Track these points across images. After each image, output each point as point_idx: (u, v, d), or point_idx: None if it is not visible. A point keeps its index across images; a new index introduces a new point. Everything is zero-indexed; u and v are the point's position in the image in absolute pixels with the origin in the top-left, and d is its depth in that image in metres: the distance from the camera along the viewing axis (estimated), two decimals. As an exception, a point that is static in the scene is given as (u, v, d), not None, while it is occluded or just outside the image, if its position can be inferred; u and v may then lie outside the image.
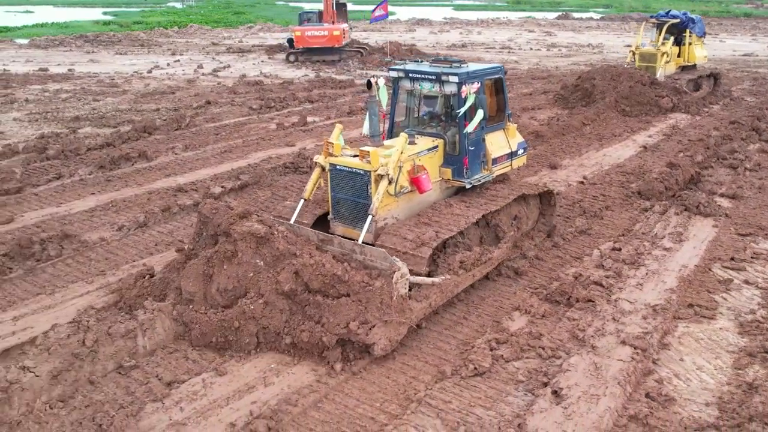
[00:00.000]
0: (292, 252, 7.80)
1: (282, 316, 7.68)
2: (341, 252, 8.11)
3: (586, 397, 7.03)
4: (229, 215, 8.40)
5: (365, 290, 7.48)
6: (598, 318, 8.69)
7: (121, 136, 18.18)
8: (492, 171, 10.21)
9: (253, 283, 7.86)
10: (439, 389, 7.25)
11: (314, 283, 7.62)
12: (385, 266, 7.65)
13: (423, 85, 9.81)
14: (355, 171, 8.65)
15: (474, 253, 9.09)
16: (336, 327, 7.41)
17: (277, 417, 6.67)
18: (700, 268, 10.24)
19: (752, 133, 18.53)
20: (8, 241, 11.15)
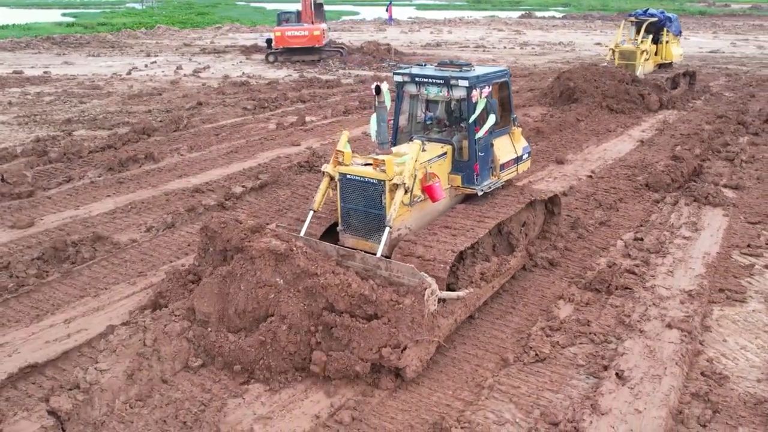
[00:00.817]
0: (314, 271, 7.30)
1: (308, 338, 7.24)
2: (364, 268, 7.68)
3: (648, 377, 7.37)
4: (239, 230, 8.00)
5: (394, 309, 7.04)
6: (639, 304, 9.05)
7: (120, 138, 18.00)
8: (500, 177, 9.90)
9: (274, 305, 7.34)
10: (505, 375, 7.51)
11: (340, 305, 7.14)
12: (413, 282, 7.26)
13: (429, 89, 9.43)
14: (368, 180, 8.23)
15: (493, 264, 8.92)
16: (368, 352, 6.98)
17: (359, 407, 6.84)
18: (721, 255, 10.71)
19: (739, 127, 19.27)
20: (34, 245, 11.10)
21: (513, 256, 9.52)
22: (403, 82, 9.66)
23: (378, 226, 8.29)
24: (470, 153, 9.33)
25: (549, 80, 27.08)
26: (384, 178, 8.10)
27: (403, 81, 9.65)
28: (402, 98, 9.90)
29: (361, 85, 28.48)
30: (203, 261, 8.60)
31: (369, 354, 6.99)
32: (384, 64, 33.48)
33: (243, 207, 12.90)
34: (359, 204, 8.43)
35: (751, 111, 21.48)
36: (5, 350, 8.00)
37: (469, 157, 9.35)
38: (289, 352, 7.19)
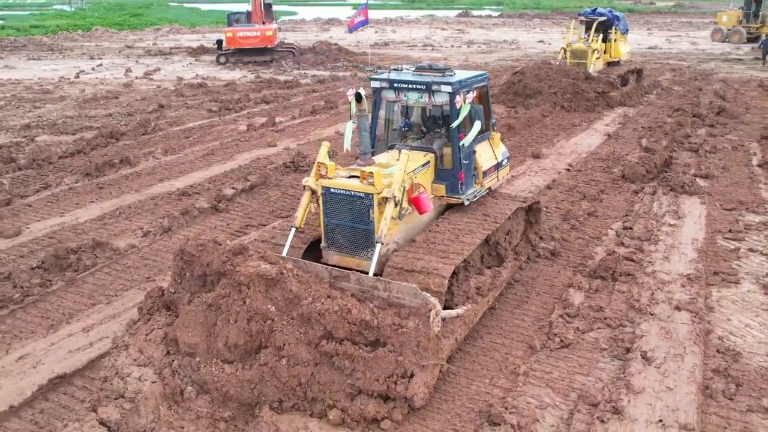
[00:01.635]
0: (307, 296, 6.73)
1: (307, 369, 6.62)
2: (360, 289, 7.05)
3: (671, 357, 7.77)
4: (220, 253, 7.27)
5: (398, 334, 6.53)
6: (644, 289, 9.50)
7: (89, 143, 17.53)
8: (483, 184, 9.53)
9: (267, 335, 6.71)
10: (536, 362, 7.78)
11: (340, 332, 6.58)
12: (415, 303, 6.69)
13: (409, 95, 8.95)
14: (355, 194, 7.70)
15: (487, 277, 8.68)
16: (374, 383, 6.49)
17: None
18: (708, 241, 11.30)
19: (696, 119, 20.24)
20: (27, 254, 10.79)
21: (504, 267, 9.29)
22: (380, 87, 9.13)
23: (365, 242, 7.84)
24: (454, 161, 8.94)
25: (503, 78, 27.68)
26: (372, 191, 7.59)
27: (381, 87, 9.12)
28: (379, 105, 9.36)
29: (320, 85, 28.47)
30: (179, 287, 7.77)
31: (375, 385, 6.49)
32: (367, 68, 33.08)
33: (236, 209, 12.81)
34: (345, 219, 7.90)
35: (703, 104, 22.54)
36: (28, 362, 7.78)
37: (453, 165, 8.95)
38: (291, 387, 6.62)
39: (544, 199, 13.22)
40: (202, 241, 7.63)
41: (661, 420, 6.68)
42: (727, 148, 17.17)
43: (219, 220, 12.27)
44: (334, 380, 6.60)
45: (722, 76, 30.17)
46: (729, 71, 32.11)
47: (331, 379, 6.61)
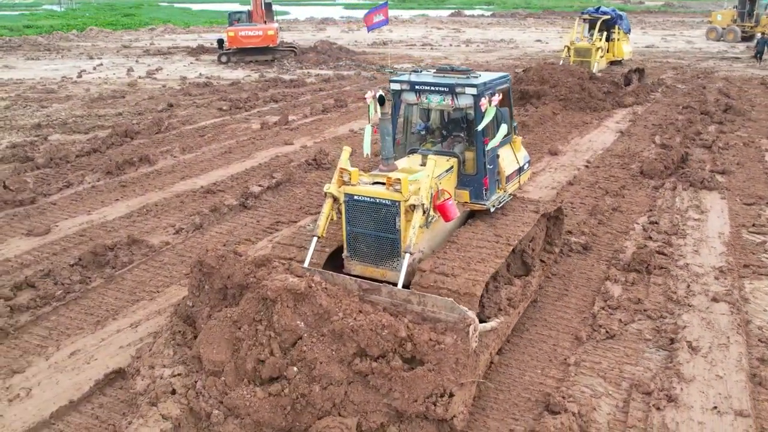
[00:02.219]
0: (338, 311, 6.39)
1: (340, 389, 6.19)
2: (392, 303, 6.74)
3: (716, 346, 7.92)
4: (242, 265, 7.06)
5: (435, 350, 6.14)
6: (680, 281, 9.65)
7: (104, 142, 17.52)
8: (506, 189, 9.24)
9: (298, 352, 6.30)
10: (584, 352, 7.90)
11: (374, 350, 6.19)
12: (452, 318, 6.41)
13: (431, 98, 8.63)
14: (380, 201, 7.37)
15: (517, 287, 8.41)
16: (412, 404, 6.05)
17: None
18: (733, 234, 11.47)
19: (705, 117, 20.46)
20: (60, 252, 10.81)
21: (532, 276, 8.98)
22: (400, 90, 8.78)
23: (391, 252, 7.54)
24: (478, 166, 8.64)
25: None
26: (399, 198, 7.27)
27: (401, 89, 8.77)
28: (398, 108, 8.93)
29: (326, 84, 28.53)
30: (197, 300, 7.53)
31: (413, 406, 6.05)
32: (383, 70, 32.79)
33: (263, 206, 12.86)
34: (369, 228, 7.57)
35: (710, 101, 22.79)
36: (81, 357, 7.83)
37: (477, 170, 8.66)
38: (326, 410, 6.15)
39: (567, 195, 13.41)
40: (222, 252, 7.38)
41: (715, 407, 6.82)
42: (738, 145, 17.38)
43: (248, 217, 12.31)
44: (369, 400, 6.18)
45: (723, 74, 30.48)
46: (729, 70, 32.44)
47: (366, 399, 6.18)
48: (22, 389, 7.22)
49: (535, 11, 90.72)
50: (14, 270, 10.19)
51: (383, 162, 8.03)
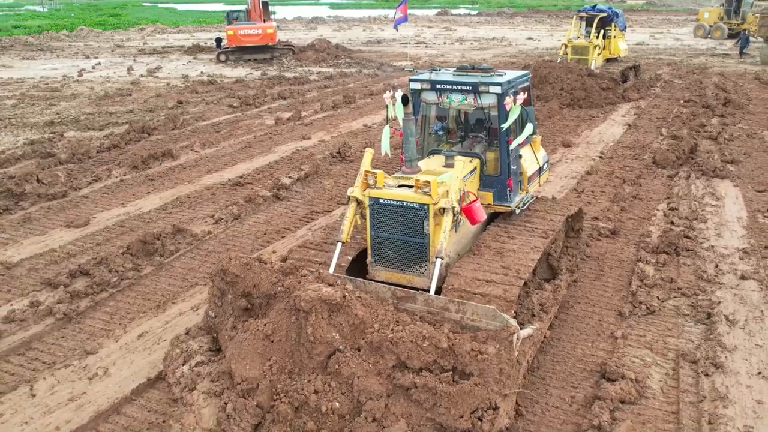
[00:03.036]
0: (372, 321, 6.22)
1: (380, 403, 6.02)
2: (428, 311, 6.46)
3: (751, 318, 8.40)
4: (269, 273, 6.82)
5: (478, 361, 5.91)
6: (708, 261, 10.13)
7: (122, 138, 17.74)
8: (528, 190, 9.09)
9: (334, 365, 6.12)
10: (628, 327, 8.34)
11: (415, 362, 5.98)
12: (493, 326, 6.13)
13: (452, 97, 8.41)
14: (408, 205, 7.14)
15: (548, 292, 8.19)
16: (458, 420, 5.85)
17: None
18: (750, 219, 11.99)
19: (707, 110, 21.07)
20: (103, 242, 11.07)
21: (560, 280, 8.81)
22: (420, 89, 8.56)
23: (419, 257, 7.31)
24: (502, 167, 8.46)
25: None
26: (428, 201, 7.03)
27: (421, 88, 8.55)
28: (417, 108, 8.62)
29: (330, 81, 28.86)
30: (219, 311, 7.34)
31: (459, 422, 5.84)
32: (406, 68, 32.88)
33: (295, 197, 13.20)
34: (396, 232, 7.32)
35: (709, 95, 23.42)
36: (150, 338, 8.13)
37: (501, 171, 8.48)
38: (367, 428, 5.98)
39: (587, 184, 13.89)
40: (247, 260, 7.05)
41: (760, 372, 7.28)
42: (742, 136, 17.96)
43: (283, 207, 12.64)
44: (411, 413, 5.99)
45: (717, 69, 31.21)
46: (722, 65, 33.20)
47: (408, 412, 5.99)
48: (99, 368, 7.51)
49: (520, 10, 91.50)
50: (61, 260, 10.46)
51: (406, 164, 7.79)
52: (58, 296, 9.00)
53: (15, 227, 11.83)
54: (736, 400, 6.83)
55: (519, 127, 8.47)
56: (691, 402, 6.82)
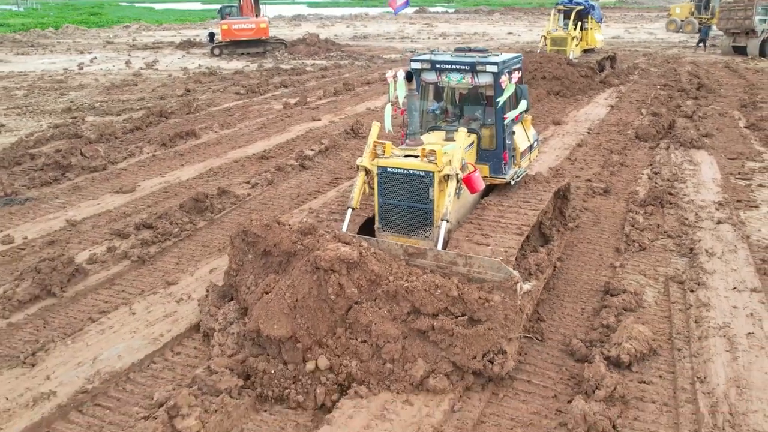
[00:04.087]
0: (386, 274, 6.77)
1: (397, 345, 6.59)
2: (437, 265, 7.05)
3: (727, 251, 9.96)
4: (289, 233, 7.30)
5: (484, 308, 6.55)
6: (688, 211, 11.71)
7: (143, 121, 18.91)
8: (520, 165, 9.69)
9: (354, 316, 6.64)
10: (624, 260, 9.84)
11: (428, 308, 6.59)
12: (498, 278, 6.78)
13: (451, 76, 8.91)
14: (414, 173, 7.65)
15: (543, 254, 8.80)
16: (471, 361, 6.50)
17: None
18: (724, 180, 13.62)
19: (682, 93, 22.84)
20: (153, 204, 12.32)
21: (553, 245, 9.49)
22: (421, 69, 9.02)
23: (423, 222, 7.86)
24: (498, 141, 9.01)
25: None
26: (433, 169, 7.56)
27: (422, 68, 9.02)
28: (418, 87, 9.01)
29: (326, 72, 30.23)
30: (240, 269, 7.80)
31: (473, 363, 6.49)
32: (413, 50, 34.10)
33: (318, 167, 14.58)
34: (402, 199, 7.84)
35: (683, 81, 25.22)
36: (221, 272, 9.42)
37: (497, 145, 9.03)
38: (388, 367, 6.59)
39: (578, 154, 15.46)
40: (267, 222, 7.56)
41: (735, 287, 8.83)
42: (715, 115, 19.70)
43: (309, 175, 14.01)
44: (427, 353, 6.60)
45: (690, 59, 33.15)
46: (693, 56, 35.16)
47: (424, 352, 6.60)
48: (183, 294, 8.82)
49: (496, 7, 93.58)
50: (119, 218, 11.72)
51: (410, 137, 8.32)
52: (130, 243, 10.29)
53: (67, 194, 13.03)
54: (716, 306, 8.36)
55: (513, 104, 9.06)
56: (680, 309, 8.34)
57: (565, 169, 14.23)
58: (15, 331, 8.03)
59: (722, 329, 7.78)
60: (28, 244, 10.56)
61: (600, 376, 6.53)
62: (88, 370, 7.09)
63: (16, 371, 7.10)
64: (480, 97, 9.39)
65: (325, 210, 9.24)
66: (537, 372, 7.04)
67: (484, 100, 9.33)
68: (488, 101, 9.19)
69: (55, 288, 8.79)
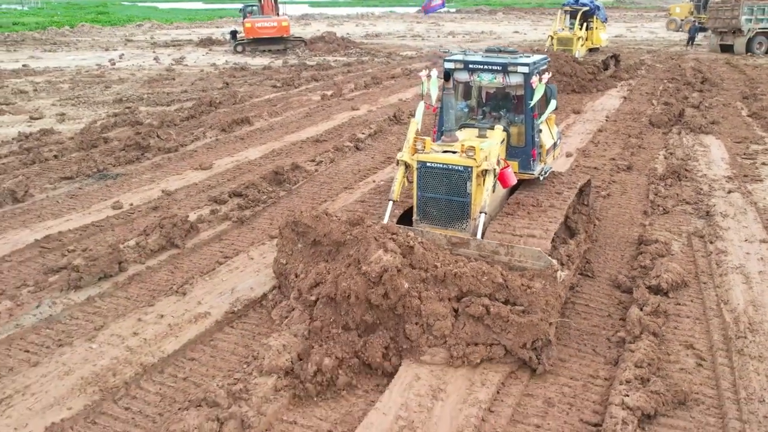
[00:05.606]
0: (434, 262, 7.22)
1: (447, 322, 7.03)
2: (480, 254, 7.52)
3: (738, 213, 11.72)
4: (339, 224, 7.76)
5: (527, 294, 6.97)
6: (702, 183, 13.46)
7: (195, 110, 20.58)
8: (546, 162, 10.01)
9: (406, 300, 7.05)
10: (651, 220, 11.57)
11: (475, 293, 7.07)
12: (538, 266, 7.26)
13: (482, 76, 9.24)
14: (453, 168, 8.03)
15: (573, 245, 9.20)
16: (521, 350, 6.92)
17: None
18: (732, 159, 15.39)
19: (688, 86, 24.65)
20: (232, 179, 13.99)
21: (580, 237, 9.89)
22: (454, 69, 9.29)
23: (461, 215, 8.23)
24: (527, 139, 9.33)
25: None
26: (472, 164, 7.92)
27: (455, 68, 9.31)
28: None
29: (351, 67, 31.96)
30: (289, 258, 8.31)
31: (521, 351, 6.91)
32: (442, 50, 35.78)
33: (369, 149, 16.32)
34: (441, 192, 8.21)
35: (688, 76, 27.05)
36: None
37: (526, 142, 9.35)
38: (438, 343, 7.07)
39: (600, 138, 17.23)
40: (317, 213, 8.12)
41: (747, 240, 10.59)
42: (719, 105, 21.51)
43: (364, 155, 15.74)
44: (479, 332, 6.97)
45: (692, 56, 34.98)
46: (696, 53, 37.01)
47: (476, 331, 6.98)
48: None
49: (495, 7, 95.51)
50: (206, 189, 13.39)
51: (445, 133, 8.66)
52: (229, 207, 12.00)
53: (151, 171, 14.72)
54: (732, 253, 10.11)
55: (543, 104, 9.43)
56: (702, 255, 10.09)
57: (590, 150, 15.99)
58: (153, 273, 9.72)
59: (738, 268, 9.53)
60: (135, 209, 12.24)
61: (645, 297, 8.29)
62: (230, 297, 8.78)
63: (172, 298, 8.81)
64: (507, 96, 9.77)
65: (373, 199, 9.88)
66: (592, 299, 8.78)
67: (515, 99, 9.66)
68: (518, 100, 9.56)
69: (177, 240, 10.48)
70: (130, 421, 6.41)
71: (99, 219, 11.64)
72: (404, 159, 8.32)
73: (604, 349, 7.58)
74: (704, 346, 7.57)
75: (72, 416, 6.42)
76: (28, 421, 6.35)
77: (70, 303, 8.65)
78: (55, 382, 6.96)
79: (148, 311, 8.44)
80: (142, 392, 6.88)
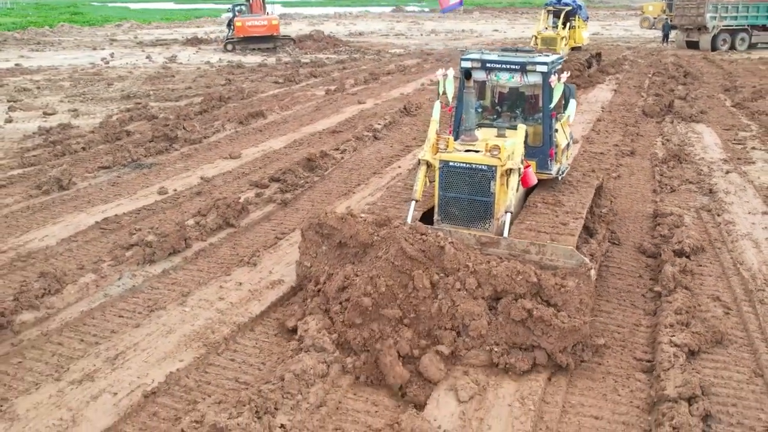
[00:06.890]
0: (466, 261, 7.12)
1: (482, 321, 6.92)
2: (510, 254, 7.36)
3: (739, 190, 12.86)
4: (365, 225, 7.71)
5: (561, 293, 6.86)
6: (701, 165, 14.62)
7: (206, 105, 21.23)
8: (561, 162, 9.94)
9: (440, 298, 7.02)
10: (661, 198, 12.67)
11: (509, 292, 7.02)
12: (570, 264, 7.10)
13: (500, 75, 9.17)
14: (477, 167, 7.89)
15: (595, 244, 9.15)
16: (560, 354, 6.83)
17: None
18: (724, 144, 16.62)
19: (672, 80, 26.03)
20: (263, 167, 14.76)
21: (600, 235, 9.85)
22: (471, 68, 9.11)
23: (484, 214, 8.05)
24: (545, 138, 9.26)
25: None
26: (496, 163, 7.80)
27: (472, 67, 9.14)
28: (464, 85, 8.93)
29: (344, 64, 32.79)
30: (314, 260, 8.23)
31: (560, 356, 6.84)
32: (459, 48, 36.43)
33: (387, 138, 17.22)
34: (463, 192, 8.05)
35: (670, 70, 28.47)
36: (356, 207, 11.99)
37: (544, 142, 9.28)
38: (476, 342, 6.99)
39: (600, 126, 18.37)
40: (341, 215, 8.00)
41: (750, 212, 11.73)
42: (704, 97, 22.86)
43: (383, 144, 16.63)
44: (518, 332, 6.88)
45: (671, 52, 36.53)
46: (673, 50, 38.61)
47: (515, 331, 6.89)
48: (333, 223, 11.36)
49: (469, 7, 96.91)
50: (242, 176, 14.16)
51: (465, 133, 8.52)
52: (272, 190, 12.80)
53: (183, 160, 15.41)
54: (738, 223, 11.23)
55: (560, 103, 9.42)
56: (712, 226, 11.19)
57: (593, 137, 17.11)
58: (216, 249, 10.50)
59: (747, 236, 10.65)
60: (180, 194, 12.97)
61: (673, 259, 9.34)
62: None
63: (245, 269, 9.61)
64: (521, 95, 9.76)
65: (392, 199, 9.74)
66: (623, 262, 9.80)
67: (532, 98, 9.65)
68: (534, 99, 9.56)
69: (232, 220, 11.27)
70: (238, 369, 7.22)
71: (149, 203, 12.35)
72: (426, 158, 8.22)
73: (642, 302, 8.61)
74: (729, 298, 8.62)
75: (186, 366, 7.20)
76: (148, 371, 7.11)
77: (148, 275, 9.41)
78: (161, 339, 7.73)
79: (226, 279, 9.24)
80: (241, 346, 7.69)
